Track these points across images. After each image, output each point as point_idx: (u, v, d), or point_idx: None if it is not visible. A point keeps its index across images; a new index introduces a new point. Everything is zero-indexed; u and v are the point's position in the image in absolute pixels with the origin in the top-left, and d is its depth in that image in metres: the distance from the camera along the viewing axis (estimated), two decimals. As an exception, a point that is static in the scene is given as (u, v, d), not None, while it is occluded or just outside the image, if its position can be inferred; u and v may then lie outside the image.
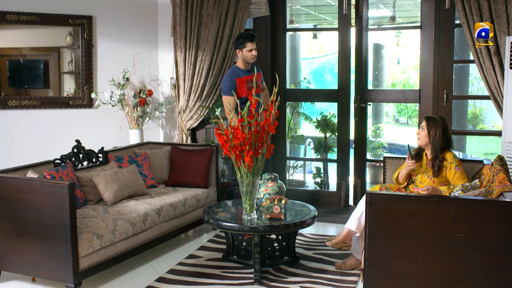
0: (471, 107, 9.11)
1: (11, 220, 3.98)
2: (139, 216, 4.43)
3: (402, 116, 12.70)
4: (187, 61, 6.29)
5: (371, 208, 3.35)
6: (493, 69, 5.21)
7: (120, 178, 4.76)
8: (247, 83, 5.11)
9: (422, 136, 4.30)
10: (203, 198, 5.31)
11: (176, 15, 6.24)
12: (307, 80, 7.90)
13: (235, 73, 5.12)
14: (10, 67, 6.23)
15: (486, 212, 3.18)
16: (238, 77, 5.09)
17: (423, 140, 4.29)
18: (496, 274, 3.17)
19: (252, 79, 4.86)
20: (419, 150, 4.42)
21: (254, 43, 5.08)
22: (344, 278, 4.24)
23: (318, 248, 4.94)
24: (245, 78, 5.12)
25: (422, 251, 3.29)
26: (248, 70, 5.17)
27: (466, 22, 5.29)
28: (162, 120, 6.79)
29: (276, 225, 4.16)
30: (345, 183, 6.47)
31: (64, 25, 6.19)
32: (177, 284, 4.14)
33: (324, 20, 10.06)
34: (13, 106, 6.03)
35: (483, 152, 9.08)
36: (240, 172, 4.16)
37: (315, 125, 7.12)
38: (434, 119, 4.28)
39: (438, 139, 4.22)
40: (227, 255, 4.63)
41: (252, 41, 5.06)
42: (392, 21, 7.64)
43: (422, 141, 4.30)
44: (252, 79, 4.86)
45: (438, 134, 4.22)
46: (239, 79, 5.09)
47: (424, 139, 4.29)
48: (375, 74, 10.13)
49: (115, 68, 6.28)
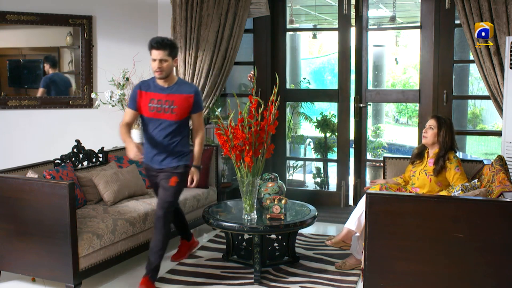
0: (471, 107, 9.11)
1: (11, 220, 3.98)
2: (139, 216, 4.44)
3: (402, 116, 12.70)
4: (187, 61, 6.29)
5: (371, 208, 3.35)
6: (493, 69, 5.21)
7: (120, 178, 4.76)
8: (154, 103, 4.04)
9: (429, 135, 4.29)
10: (203, 198, 5.31)
11: (176, 15, 6.24)
12: (307, 80, 7.91)
13: (145, 84, 4.13)
14: (10, 67, 6.23)
15: (486, 212, 3.18)
16: (143, 90, 4.08)
17: (430, 139, 4.28)
18: (496, 274, 3.17)
19: (168, 99, 4.01)
20: (422, 149, 4.43)
21: (163, 52, 3.94)
22: (344, 278, 4.24)
23: (318, 248, 4.94)
24: (154, 95, 4.05)
25: (422, 251, 3.29)
26: (163, 88, 4.06)
27: (466, 22, 5.29)
28: (162, 120, 6.78)
29: (276, 225, 4.16)
30: (345, 183, 6.47)
31: (64, 25, 6.19)
32: (177, 284, 4.14)
33: (324, 20, 10.06)
34: (13, 106, 6.03)
35: (483, 152, 9.08)
36: (240, 172, 4.17)
37: (315, 125, 7.12)
38: (444, 119, 4.30)
39: (447, 140, 4.24)
40: (227, 255, 4.64)
41: (158, 48, 3.94)
42: (392, 21, 7.63)
43: (429, 140, 4.29)
44: (168, 99, 4.01)
45: (447, 135, 4.25)
46: (143, 93, 4.07)
47: (431, 138, 4.28)
48: (375, 74, 10.13)
49: (115, 68, 6.27)
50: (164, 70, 3.97)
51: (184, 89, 4.08)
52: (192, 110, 4.10)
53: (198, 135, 4.21)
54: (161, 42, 3.96)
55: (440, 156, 4.23)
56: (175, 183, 4.07)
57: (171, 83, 4.07)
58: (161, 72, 3.96)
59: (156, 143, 4.10)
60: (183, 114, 4.06)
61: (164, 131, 4.05)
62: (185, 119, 4.12)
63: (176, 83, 4.09)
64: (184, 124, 4.13)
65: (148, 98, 4.05)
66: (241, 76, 7.57)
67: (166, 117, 4.02)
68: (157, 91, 4.05)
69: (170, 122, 4.03)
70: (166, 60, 3.95)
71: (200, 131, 4.22)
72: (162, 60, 3.94)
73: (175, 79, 4.11)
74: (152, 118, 4.06)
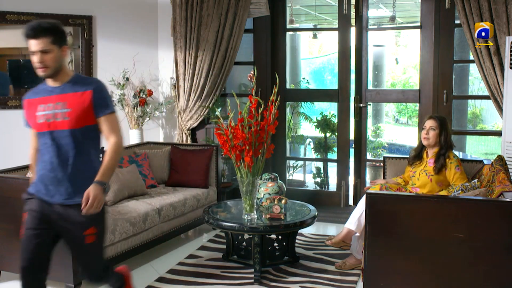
0: (471, 107, 9.12)
1: (11, 220, 3.98)
2: (139, 216, 4.43)
3: (402, 116, 12.70)
4: (187, 61, 6.29)
5: (371, 208, 3.34)
6: (493, 69, 5.21)
7: (120, 178, 4.76)
8: (42, 110, 2.95)
9: (431, 136, 4.28)
10: (203, 198, 5.31)
11: (176, 15, 6.24)
12: (307, 80, 7.91)
13: (34, 91, 3.08)
14: (10, 67, 6.23)
15: (486, 212, 3.18)
16: (30, 98, 3.04)
17: (433, 140, 4.27)
18: (496, 274, 3.17)
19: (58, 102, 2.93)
20: (419, 150, 4.42)
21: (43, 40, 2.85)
22: (344, 278, 4.24)
23: (318, 248, 4.94)
24: (42, 100, 2.98)
25: (422, 251, 3.28)
26: (53, 89, 2.99)
27: (466, 22, 5.29)
28: (162, 120, 6.79)
29: (276, 225, 4.16)
30: (345, 183, 6.47)
31: (64, 25, 6.10)
32: (177, 284, 4.14)
33: (324, 20, 10.07)
34: (13, 106, 6.03)
35: (483, 152, 9.08)
36: (240, 172, 4.17)
37: (315, 125, 7.12)
38: (442, 119, 4.31)
39: (449, 139, 4.27)
40: (227, 255, 4.63)
41: (34, 37, 2.86)
42: (392, 21, 7.64)
43: (432, 141, 4.28)
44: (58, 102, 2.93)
45: (448, 134, 4.28)
46: (30, 102, 3.02)
47: (434, 139, 4.27)
48: (375, 74, 10.14)
49: (115, 68, 6.28)
50: (49, 65, 2.89)
51: (80, 84, 2.98)
52: (95, 112, 2.95)
53: (109, 142, 2.99)
54: (37, 27, 2.85)
55: (441, 154, 4.23)
56: (94, 237, 2.96)
57: (64, 80, 2.99)
58: (45, 68, 2.89)
59: (52, 166, 2.94)
60: (80, 118, 2.92)
61: (59, 147, 2.92)
62: (88, 128, 2.97)
63: (71, 80, 3.00)
64: (87, 134, 2.97)
65: (36, 106, 2.97)
66: (241, 76, 7.58)
67: (59, 125, 2.90)
68: (45, 95, 2.98)
69: (65, 133, 2.91)
70: (48, 50, 2.86)
71: (112, 137, 2.98)
72: (43, 51, 2.85)
73: (69, 75, 3.02)
74: (43, 131, 2.94)
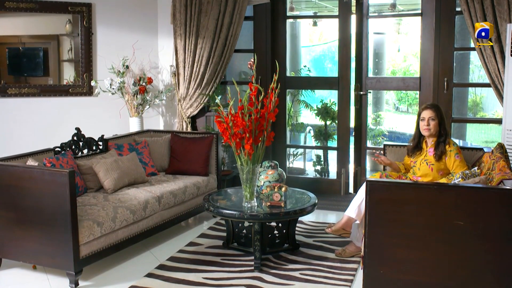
0: (472, 95, 9.09)
1: (11, 208, 3.99)
2: (139, 203, 4.44)
3: (402, 104, 12.67)
4: (187, 49, 6.27)
5: (371, 195, 3.35)
6: (494, 57, 5.19)
7: (120, 166, 4.76)
8: None
9: (432, 126, 4.28)
10: (203, 185, 5.32)
11: (176, 2, 6.21)
12: (307, 67, 7.88)
13: None
14: (9, 55, 6.21)
15: (486, 200, 3.18)
16: None
17: (434, 130, 4.29)
18: (496, 261, 3.18)
19: None
20: (417, 141, 4.43)
21: None
22: (344, 265, 4.26)
23: (318, 236, 4.95)
24: None
25: (422, 238, 3.29)
26: None
27: (467, 9, 5.26)
28: (162, 108, 6.78)
29: (276, 213, 4.17)
30: (345, 171, 6.47)
31: (64, 13, 6.16)
32: (177, 271, 4.15)
33: (325, 7, 10.00)
34: (12, 94, 6.02)
35: (483, 140, 9.07)
36: (240, 160, 4.16)
37: (315, 113, 7.11)
38: (438, 107, 4.34)
39: (447, 127, 4.32)
40: (227, 243, 4.65)
41: None
42: (392, 8, 7.59)
43: (433, 131, 4.29)
44: None
45: (446, 122, 4.33)
46: None
47: (434, 129, 4.29)
48: (375, 62, 10.10)
49: (114, 56, 6.26)
50: None
51: None
52: None
53: None
54: None
55: (441, 142, 4.26)
56: None
57: None
58: None
59: None
60: None
61: None
62: None
63: None
64: None
65: None
66: (241, 64, 7.55)
67: None
68: None
69: None
70: None
71: None
72: None
73: None
74: None
